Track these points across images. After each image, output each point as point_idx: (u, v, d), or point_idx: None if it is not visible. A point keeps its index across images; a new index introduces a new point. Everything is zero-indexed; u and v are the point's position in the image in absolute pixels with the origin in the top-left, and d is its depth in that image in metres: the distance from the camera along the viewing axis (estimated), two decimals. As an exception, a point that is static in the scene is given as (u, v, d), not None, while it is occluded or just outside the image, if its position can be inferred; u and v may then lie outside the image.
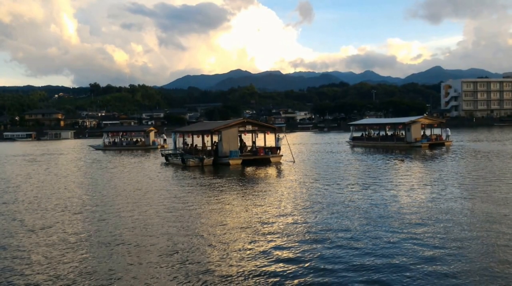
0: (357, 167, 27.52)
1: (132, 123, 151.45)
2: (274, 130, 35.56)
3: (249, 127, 34.23)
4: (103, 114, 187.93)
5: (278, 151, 33.50)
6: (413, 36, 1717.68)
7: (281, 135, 35.35)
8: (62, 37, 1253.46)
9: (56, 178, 26.53)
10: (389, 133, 51.38)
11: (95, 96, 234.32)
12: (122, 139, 62.08)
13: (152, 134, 59.69)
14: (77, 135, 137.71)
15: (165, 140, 59.78)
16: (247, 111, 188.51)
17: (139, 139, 60.90)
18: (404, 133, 47.28)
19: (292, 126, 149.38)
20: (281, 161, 32.42)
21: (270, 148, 33.72)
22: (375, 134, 52.98)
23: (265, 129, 35.81)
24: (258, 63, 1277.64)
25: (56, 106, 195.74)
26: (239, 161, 31.29)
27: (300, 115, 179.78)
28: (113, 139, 61.92)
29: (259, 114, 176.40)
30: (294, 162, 31.77)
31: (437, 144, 45.51)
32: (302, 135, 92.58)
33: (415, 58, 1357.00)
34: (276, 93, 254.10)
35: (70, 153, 55.76)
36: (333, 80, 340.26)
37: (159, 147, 56.20)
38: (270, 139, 36.86)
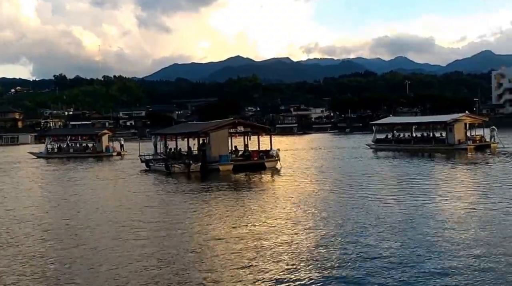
0: (386, 178, 27.93)
1: (107, 124, 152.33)
2: (269, 131, 39.25)
3: (241, 128, 36.86)
4: (71, 113, 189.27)
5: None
6: (456, 12, 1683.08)
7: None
8: (17, 18, 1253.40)
9: None
10: (419, 134, 53.05)
11: (60, 91, 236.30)
12: (70, 144, 63.48)
13: (105, 139, 60.44)
14: (39, 139, 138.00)
15: (122, 146, 60.42)
16: (249, 108, 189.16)
17: (89, 145, 62.05)
18: (445, 134, 48.49)
19: (306, 126, 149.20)
20: (277, 166, 34.38)
21: (265, 152, 35.80)
22: (407, 136, 53.77)
23: (258, 130, 38.94)
24: (262, 48, 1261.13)
25: (13, 103, 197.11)
26: (230, 167, 33.34)
27: (315, 113, 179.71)
28: (58, 145, 63.47)
29: (264, 112, 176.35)
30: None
31: (482, 146, 46.65)
32: (318, 139, 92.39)
33: (458, 41, 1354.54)
34: (285, 86, 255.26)
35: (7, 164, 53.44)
36: (357, 69, 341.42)
37: (114, 153, 57.60)
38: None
